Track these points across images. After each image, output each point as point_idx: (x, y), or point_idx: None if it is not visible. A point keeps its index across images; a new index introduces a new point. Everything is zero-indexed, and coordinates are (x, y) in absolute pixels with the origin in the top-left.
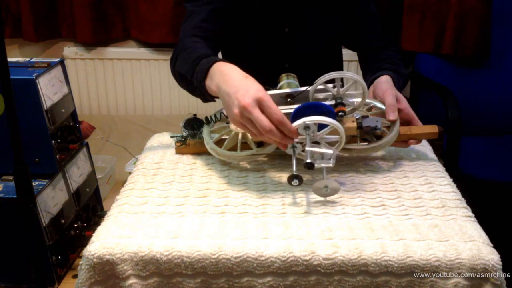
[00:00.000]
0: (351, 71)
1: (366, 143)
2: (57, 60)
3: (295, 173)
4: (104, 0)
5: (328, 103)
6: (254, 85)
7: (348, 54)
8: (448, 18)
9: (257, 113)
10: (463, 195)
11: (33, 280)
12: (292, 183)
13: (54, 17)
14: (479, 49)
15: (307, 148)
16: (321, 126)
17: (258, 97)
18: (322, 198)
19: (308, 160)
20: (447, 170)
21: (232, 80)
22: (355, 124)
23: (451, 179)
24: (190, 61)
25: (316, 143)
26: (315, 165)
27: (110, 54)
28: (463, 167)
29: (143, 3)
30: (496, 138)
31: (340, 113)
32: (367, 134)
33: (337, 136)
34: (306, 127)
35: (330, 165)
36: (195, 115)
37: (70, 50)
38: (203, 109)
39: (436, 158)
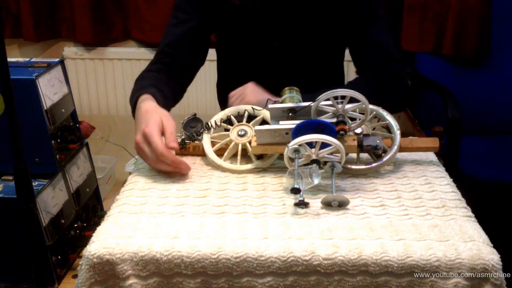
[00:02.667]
0: (351, 71)
1: (364, 165)
2: (57, 60)
3: (296, 185)
4: (104, 0)
5: (329, 120)
6: (146, 119)
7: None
8: (448, 18)
9: (146, 149)
10: (463, 195)
11: (33, 280)
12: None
13: (54, 17)
14: (479, 49)
15: (295, 172)
16: (322, 144)
17: (143, 132)
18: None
19: (296, 186)
20: (447, 170)
21: (137, 115)
22: (355, 143)
23: (451, 179)
24: (133, 98)
25: (315, 161)
26: (301, 188)
27: (110, 54)
28: (463, 167)
29: (143, 3)
30: (496, 138)
31: (341, 132)
32: (367, 153)
33: (337, 156)
34: (296, 150)
35: (314, 184)
36: (195, 114)
37: (70, 50)
38: (203, 109)
39: (436, 158)
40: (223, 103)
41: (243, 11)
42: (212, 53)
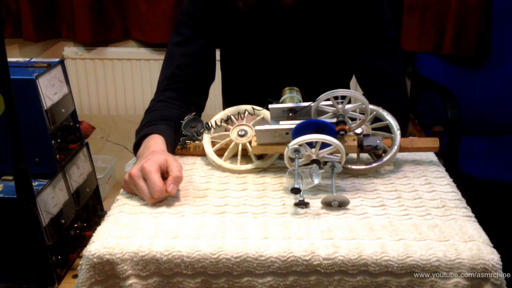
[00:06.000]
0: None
1: (364, 165)
2: (57, 60)
3: (296, 185)
4: (104, 0)
5: (329, 120)
6: (149, 157)
7: None
8: (448, 18)
9: (141, 184)
10: (463, 195)
11: (33, 280)
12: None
13: (54, 17)
14: (479, 49)
15: (295, 172)
16: (322, 144)
17: (142, 167)
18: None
19: (296, 186)
20: (447, 170)
21: (142, 152)
22: (355, 143)
23: (451, 179)
24: (139, 135)
25: (315, 161)
26: (302, 188)
27: (110, 54)
28: (463, 167)
29: (143, 3)
30: (496, 138)
31: (341, 132)
32: (367, 153)
33: (337, 156)
34: (296, 150)
35: (314, 184)
36: (195, 114)
37: (70, 50)
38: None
39: (436, 158)
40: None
41: (246, 16)
42: None
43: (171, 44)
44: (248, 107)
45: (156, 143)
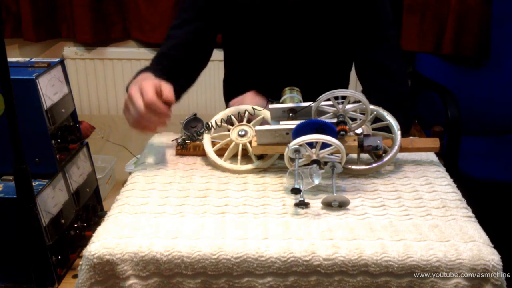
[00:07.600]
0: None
1: (364, 165)
2: (57, 60)
3: (296, 186)
4: (104, 0)
5: (329, 120)
6: (144, 80)
7: None
8: (448, 18)
9: (137, 99)
10: (463, 195)
11: (33, 280)
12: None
13: (54, 17)
14: (479, 49)
15: (296, 173)
16: (323, 144)
17: (140, 86)
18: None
19: (296, 186)
20: (447, 170)
21: (133, 82)
22: (356, 143)
23: (452, 179)
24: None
25: (316, 161)
26: (302, 188)
27: (110, 54)
28: (463, 167)
29: (143, 3)
30: (496, 138)
31: (341, 132)
32: (368, 153)
33: (337, 156)
34: (296, 150)
35: (314, 184)
36: (195, 114)
37: (70, 50)
38: (203, 109)
39: (436, 158)
40: (229, 100)
41: (247, 8)
42: (213, 53)
43: (170, 28)
44: (248, 107)
45: (146, 74)
